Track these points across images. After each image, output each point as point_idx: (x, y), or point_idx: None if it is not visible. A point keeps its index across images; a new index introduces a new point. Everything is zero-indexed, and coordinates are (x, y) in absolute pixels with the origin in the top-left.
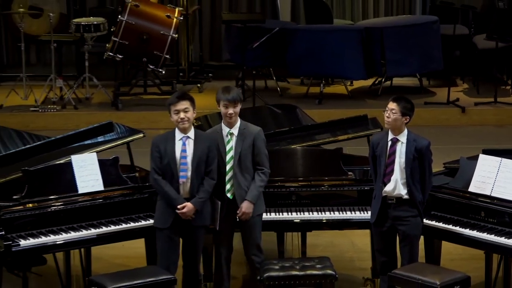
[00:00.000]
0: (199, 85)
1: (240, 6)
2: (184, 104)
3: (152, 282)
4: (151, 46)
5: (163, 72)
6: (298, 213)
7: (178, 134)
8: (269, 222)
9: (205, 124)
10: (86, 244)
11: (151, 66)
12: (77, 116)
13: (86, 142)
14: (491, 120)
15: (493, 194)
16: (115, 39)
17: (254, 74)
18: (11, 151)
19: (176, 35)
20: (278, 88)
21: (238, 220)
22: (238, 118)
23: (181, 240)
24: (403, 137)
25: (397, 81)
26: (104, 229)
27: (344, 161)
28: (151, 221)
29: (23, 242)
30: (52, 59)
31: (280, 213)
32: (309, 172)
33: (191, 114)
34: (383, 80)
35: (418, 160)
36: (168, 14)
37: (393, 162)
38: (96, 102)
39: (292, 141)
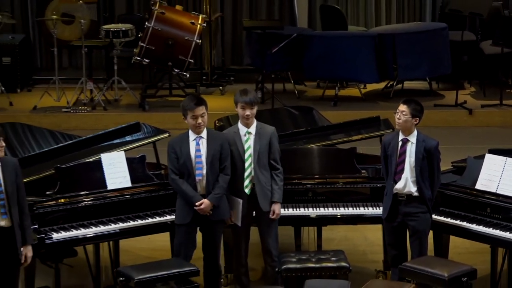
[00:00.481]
0: (221, 88)
1: (260, 13)
2: (201, 110)
3: (176, 273)
4: (176, 51)
5: (188, 75)
6: (314, 208)
7: (192, 135)
8: (287, 217)
9: (226, 124)
10: (114, 237)
11: (176, 70)
12: (107, 117)
13: (114, 141)
14: (497, 122)
15: (498, 192)
16: (142, 44)
17: (273, 77)
18: (44, 150)
19: (200, 41)
20: (296, 91)
21: (254, 215)
22: (254, 118)
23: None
24: (413, 138)
25: (408, 84)
26: (131, 223)
27: (357, 160)
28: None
29: (55, 235)
30: (83, 63)
31: (297, 209)
32: (325, 170)
33: (206, 118)
34: (394, 83)
35: (427, 159)
36: (192, 21)
37: (403, 161)
38: (124, 103)
39: (308, 141)
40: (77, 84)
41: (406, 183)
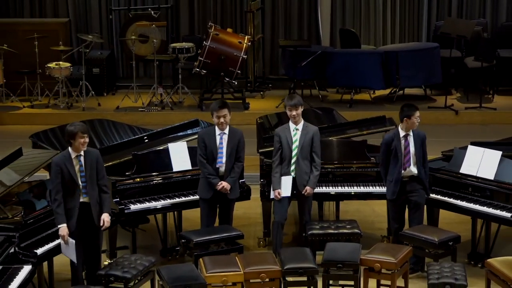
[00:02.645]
0: (261, 92)
1: (292, 34)
2: (223, 112)
3: (225, 237)
4: (227, 64)
5: (236, 83)
6: (334, 187)
7: (217, 131)
8: (313, 194)
9: (266, 122)
10: (178, 208)
11: (227, 79)
12: (173, 115)
13: (179, 134)
14: (477, 120)
15: (478, 175)
16: (201, 59)
17: (302, 85)
18: (124, 140)
19: (246, 56)
20: (320, 95)
21: (295, 193)
22: (301, 118)
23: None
24: (411, 131)
25: (407, 91)
26: (191, 198)
27: (367, 149)
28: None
29: (132, 207)
30: (155, 73)
31: (320, 187)
32: (342, 157)
33: (228, 118)
34: (397, 90)
35: (421, 146)
36: (240, 40)
37: (409, 152)
38: (187, 104)
39: (329, 134)
40: (150, 89)
41: (411, 168)
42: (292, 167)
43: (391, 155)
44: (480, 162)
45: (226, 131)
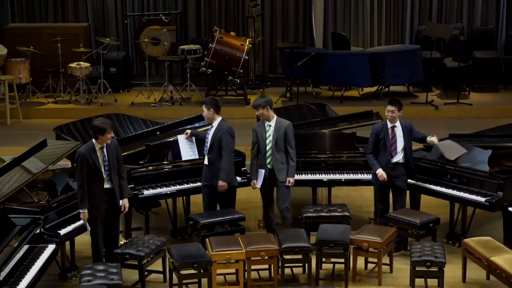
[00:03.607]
0: (261, 90)
1: (289, 37)
2: (203, 107)
3: (229, 219)
4: (230, 64)
5: (238, 81)
6: (326, 174)
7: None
8: (306, 181)
9: None
10: (187, 193)
11: (230, 77)
12: (181, 110)
13: (187, 127)
14: (455, 115)
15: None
16: (207, 59)
17: (298, 82)
18: (138, 132)
19: (247, 57)
20: (314, 92)
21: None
22: (274, 114)
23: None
24: (398, 124)
25: (392, 88)
26: (198, 184)
27: (356, 141)
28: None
29: (146, 192)
30: (166, 72)
31: (314, 175)
32: (333, 147)
33: (205, 113)
34: (383, 87)
35: (409, 135)
36: (242, 43)
37: (395, 141)
38: (194, 100)
39: (322, 127)
40: (161, 87)
41: (398, 156)
42: (268, 160)
43: (379, 144)
44: None
45: (214, 124)
